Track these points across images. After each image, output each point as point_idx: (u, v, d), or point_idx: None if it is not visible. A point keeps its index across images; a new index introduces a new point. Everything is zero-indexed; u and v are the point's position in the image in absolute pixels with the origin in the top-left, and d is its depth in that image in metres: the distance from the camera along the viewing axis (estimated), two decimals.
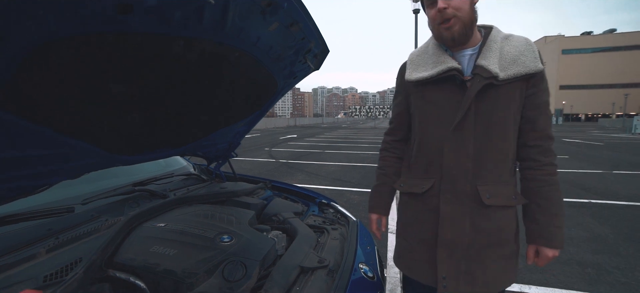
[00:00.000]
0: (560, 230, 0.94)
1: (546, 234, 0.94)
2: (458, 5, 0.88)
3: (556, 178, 0.95)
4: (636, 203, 4.26)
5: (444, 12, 0.88)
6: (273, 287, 0.92)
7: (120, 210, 1.27)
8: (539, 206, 0.94)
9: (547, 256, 0.95)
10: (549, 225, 0.93)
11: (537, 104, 0.93)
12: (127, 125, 1.02)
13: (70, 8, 0.52)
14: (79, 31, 0.58)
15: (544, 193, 0.94)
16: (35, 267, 0.85)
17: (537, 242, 0.96)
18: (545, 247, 0.94)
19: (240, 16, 0.87)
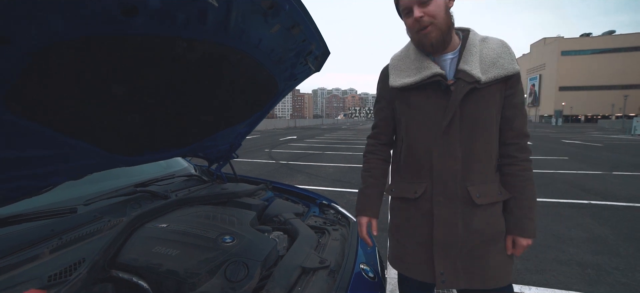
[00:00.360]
0: (532, 222, 0.98)
1: (520, 225, 0.98)
2: (433, 13, 0.89)
3: (530, 173, 1.00)
4: (636, 204, 4.27)
5: (420, 20, 0.89)
6: (275, 287, 0.93)
7: (122, 211, 1.28)
8: (515, 199, 0.99)
9: (521, 245, 0.99)
10: (523, 217, 0.98)
11: (514, 104, 0.97)
12: (128, 125, 1.03)
13: (75, 10, 0.53)
14: (83, 33, 0.59)
15: (520, 187, 0.98)
16: (39, 267, 0.86)
17: (513, 233, 0.99)
18: (520, 237, 0.98)
19: (243, 18, 0.88)
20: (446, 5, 0.91)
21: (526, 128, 1.00)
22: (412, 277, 1.06)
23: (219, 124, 1.50)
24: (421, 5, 0.89)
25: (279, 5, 0.91)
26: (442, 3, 0.90)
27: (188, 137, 1.42)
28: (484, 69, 0.92)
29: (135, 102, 0.94)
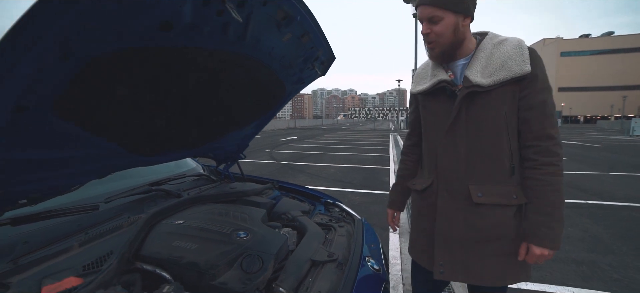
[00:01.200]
0: (553, 231, 0.92)
1: (535, 232, 0.94)
2: (439, 32, 0.96)
3: (555, 179, 0.93)
4: (632, 204, 4.35)
5: (426, 36, 0.98)
6: (287, 278, 1.00)
7: (139, 208, 1.35)
8: (532, 204, 0.96)
9: (534, 254, 0.95)
10: (539, 224, 0.94)
11: (530, 104, 0.95)
12: (151, 128, 1.10)
13: (124, 27, 0.61)
14: (125, 45, 0.67)
15: (538, 192, 0.94)
16: (72, 259, 0.93)
17: (526, 239, 0.96)
18: (533, 245, 0.94)
19: (259, 29, 0.96)
20: (455, 26, 0.95)
21: (550, 130, 0.94)
22: (419, 263, 1.15)
23: (229, 126, 1.58)
24: (430, 22, 0.97)
25: (292, 16, 0.99)
26: (450, 24, 0.95)
27: (201, 139, 1.49)
28: (489, 73, 0.95)
29: (158, 106, 1.01)
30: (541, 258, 0.95)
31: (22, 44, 0.51)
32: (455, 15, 0.95)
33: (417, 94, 1.13)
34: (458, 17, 0.95)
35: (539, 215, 0.94)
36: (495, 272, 1.01)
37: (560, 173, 0.95)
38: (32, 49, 0.52)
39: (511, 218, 0.99)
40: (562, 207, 0.95)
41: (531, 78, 0.94)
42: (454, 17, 0.95)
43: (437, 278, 1.07)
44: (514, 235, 1.00)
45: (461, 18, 0.96)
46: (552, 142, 0.94)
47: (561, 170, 0.95)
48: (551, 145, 0.94)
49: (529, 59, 0.93)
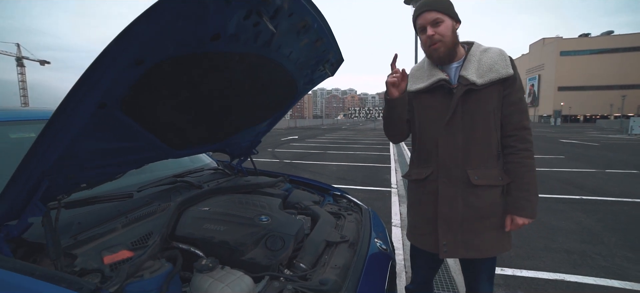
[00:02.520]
0: (530, 203, 1.13)
1: (517, 204, 1.14)
2: (442, 32, 1.13)
3: (530, 161, 1.15)
4: (624, 199, 4.50)
5: (432, 37, 1.14)
6: (306, 255, 1.14)
7: (167, 197, 1.49)
8: (514, 183, 1.16)
9: (517, 223, 1.15)
10: (521, 198, 1.14)
11: (511, 101, 1.15)
12: (184, 124, 1.24)
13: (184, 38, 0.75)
14: (183, 53, 0.81)
15: (518, 172, 1.15)
16: (120, 236, 1.07)
17: (510, 211, 1.16)
18: (516, 216, 1.15)
19: (282, 35, 1.09)
20: (453, 27, 1.15)
21: (526, 122, 1.16)
22: (421, 247, 1.29)
23: (246, 123, 1.71)
24: (434, 25, 1.13)
25: (310, 24, 1.13)
26: (450, 25, 1.14)
27: (221, 134, 1.63)
28: (481, 74, 1.13)
29: (192, 104, 1.15)
30: (522, 226, 1.16)
31: (110, 58, 0.65)
32: (451, 19, 1.14)
33: (414, 92, 1.27)
34: (453, 21, 1.15)
35: (520, 191, 1.15)
36: (490, 244, 1.18)
37: (532, 157, 1.16)
38: (117, 61, 0.66)
39: (499, 196, 1.18)
40: (536, 183, 1.16)
41: (512, 80, 1.14)
42: (451, 20, 1.14)
43: (441, 256, 1.21)
44: (501, 211, 1.18)
45: (455, 23, 1.15)
46: (527, 132, 1.16)
47: (533, 155, 1.17)
48: (526, 134, 1.16)
49: (510, 64, 1.13)
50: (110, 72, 0.67)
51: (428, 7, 1.14)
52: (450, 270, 2.39)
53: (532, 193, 1.14)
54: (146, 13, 0.62)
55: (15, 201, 0.82)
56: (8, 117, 1.44)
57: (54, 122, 0.70)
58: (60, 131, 0.73)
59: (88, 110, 0.73)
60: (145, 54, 0.70)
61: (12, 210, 0.84)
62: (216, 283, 0.89)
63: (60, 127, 0.72)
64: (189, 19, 0.70)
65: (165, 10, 0.64)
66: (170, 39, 0.72)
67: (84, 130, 0.77)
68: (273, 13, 0.88)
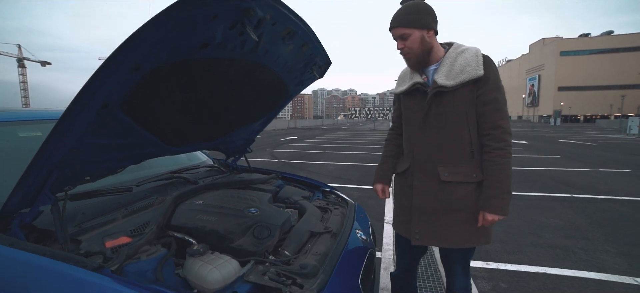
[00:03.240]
0: (502, 201, 1.15)
1: (488, 201, 1.17)
2: (410, 45, 1.22)
3: (503, 160, 1.16)
4: (612, 197, 4.60)
5: (402, 50, 1.24)
6: (290, 244, 1.24)
7: (164, 191, 1.59)
8: (486, 180, 1.19)
9: (486, 219, 1.18)
10: (491, 196, 1.16)
11: (485, 101, 1.17)
12: (181, 123, 1.35)
13: (176, 47, 0.86)
14: (174, 59, 0.92)
15: (491, 171, 1.18)
16: (120, 225, 1.18)
17: (481, 208, 1.20)
18: (486, 212, 1.18)
19: (268, 42, 1.20)
20: (422, 39, 1.21)
21: (500, 121, 1.16)
22: (399, 233, 1.40)
23: (240, 122, 1.82)
24: (402, 39, 1.23)
25: (294, 31, 1.23)
26: (417, 37, 1.21)
27: (216, 133, 1.74)
28: (453, 76, 1.19)
29: (188, 105, 1.26)
30: (493, 222, 1.19)
31: (112, 65, 0.75)
32: (420, 30, 1.20)
33: (399, 93, 1.38)
34: (422, 32, 1.20)
35: (491, 188, 1.18)
36: (460, 236, 1.25)
37: (507, 155, 1.17)
38: (117, 67, 0.77)
39: (472, 192, 1.22)
40: (509, 182, 1.17)
41: (484, 80, 1.17)
42: (419, 32, 1.20)
43: (414, 243, 1.32)
44: (474, 206, 1.23)
45: (425, 32, 1.21)
46: (501, 130, 1.17)
47: (509, 153, 1.18)
48: (500, 133, 1.17)
49: (482, 65, 1.17)
50: (111, 77, 0.78)
51: (395, 23, 1.23)
52: (436, 261, 2.49)
53: (504, 191, 1.16)
54: (143, 27, 0.72)
55: (28, 191, 0.93)
56: (17, 117, 1.55)
57: (63, 120, 0.81)
58: (68, 128, 0.83)
59: (93, 110, 0.83)
60: (142, 61, 0.81)
61: (25, 199, 0.95)
62: (205, 266, 0.99)
63: (69, 124, 0.82)
64: (180, 31, 0.81)
65: (159, 24, 0.74)
66: (164, 48, 0.83)
67: (89, 128, 0.88)
68: (256, 23, 0.99)
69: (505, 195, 1.16)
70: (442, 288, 2.13)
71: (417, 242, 1.30)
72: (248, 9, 0.88)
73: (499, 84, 1.20)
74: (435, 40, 1.26)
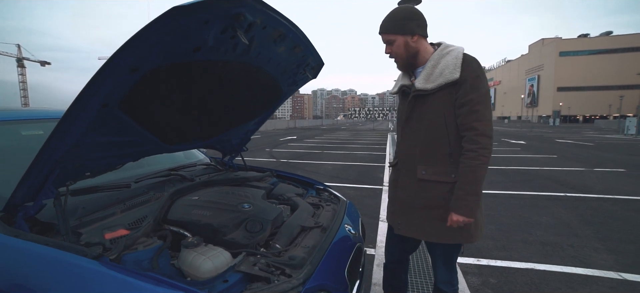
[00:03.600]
0: (466, 203, 1.17)
1: (454, 201, 1.21)
2: (395, 50, 1.29)
3: (473, 162, 1.17)
4: (604, 195, 4.67)
5: (389, 55, 1.31)
6: (281, 237, 1.30)
7: (162, 187, 1.65)
8: (458, 181, 1.21)
9: (452, 219, 1.20)
10: (458, 197, 1.19)
11: (461, 103, 1.19)
12: (177, 122, 1.41)
13: (171, 50, 0.92)
14: (170, 61, 0.97)
15: (461, 172, 1.20)
16: (119, 219, 1.24)
17: (450, 207, 1.22)
18: (453, 212, 1.20)
19: (260, 45, 1.26)
20: (406, 44, 1.26)
21: (475, 123, 1.17)
22: (389, 222, 1.47)
23: (235, 121, 1.88)
24: (388, 44, 1.30)
25: (285, 34, 1.29)
26: (402, 42, 1.26)
27: (212, 132, 1.80)
28: (432, 79, 1.22)
29: (184, 105, 1.32)
30: (459, 224, 1.21)
31: (111, 66, 0.81)
32: (404, 36, 1.25)
33: (393, 94, 1.46)
34: (406, 37, 1.26)
35: (459, 189, 1.20)
36: (436, 231, 1.30)
37: (480, 158, 1.17)
38: (116, 69, 0.83)
39: (449, 192, 1.25)
40: (477, 184, 1.18)
41: (461, 82, 1.19)
42: (402, 38, 1.26)
43: (396, 232, 1.39)
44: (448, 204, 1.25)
45: (409, 37, 1.26)
46: (475, 132, 1.18)
47: (482, 156, 1.17)
48: (473, 135, 1.18)
49: (460, 68, 1.19)
50: (111, 77, 0.84)
51: (381, 30, 1.30)
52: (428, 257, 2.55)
53: (469, 194, 1.17)
54: (139, 31, 0.78)
55: (33, 185, 0.99)
56: (20, 116, 1.60)
57: (66, 118, 0.86)
58: (70, 126, 0.89)
59: (93, 109, 0.89)
60: (139, 63, 0.87)
61: (30, 192, 1.00)
62: (199, 256, 1.05)
63: (71, 122, 0.88)
64: (174, 36, 0.87)
65: (155, 29, 0.80)
66: (160, 51, 0.89)
67: (90, 126, 0.94)
68: (247, 27, 1.05)
69: (469, 197, 1.18)
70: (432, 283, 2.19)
71: (399, 231, 1.37)
72: (238, 14, 0.94)
73: (476, 85, 1.18)
74: (422, 44, 1.28)
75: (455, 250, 1.38)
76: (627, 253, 2.70)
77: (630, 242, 2.94)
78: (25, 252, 0.91)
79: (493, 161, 8.37)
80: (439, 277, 1.41)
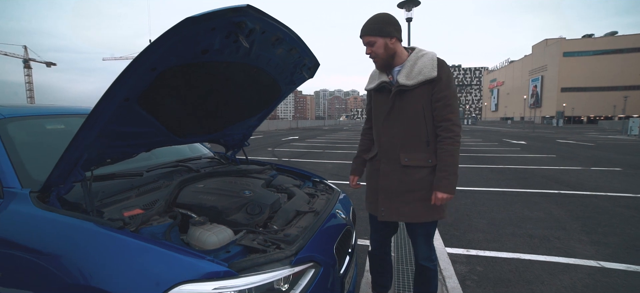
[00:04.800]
0: (449, 181, 1.37)
1: (437, 182, 1.40)
2: (376, 51, 1.44)
3: (451, 147, 1.39)
4: (597, 193, 4.77)
5: (369, 54, 1.46)
6: (278, 220, 1.46)
7: (170, 177, 1.81)
8: (438, 164, 1.42)
9: (437, 197, 1.39)
10: (441, 177, 1.39)
11: (437, 98, 1.39)
12: (186, 116, 1.57)
13: (183, 53, 1.08)
14: (180, 63, 1.14)
15: (441, 156, 1.41)
16: (134, 202, 1.40)
17: (433, 188, 1.42)
18: (437, 191, 1.40)
19: (259, 48, 1.42)
20: (385, 46, 1.43)
21: (450, 115, 1.39)
22: (369, 211, 1.63)
23: (237, 117, 2.04)
24: (369, 45, 1.45)
25: (282, 38, 1.45)
26: (382, 44, 1.42)
27: (217, 126, 1.96)
28: (412, 76, 1.41)
29: (192, 101, 1.48)
30: (443, 201, 1.40)
31: (135, 65, 0.98)
32: (383, 38, 1.42)
33: (369, 91, 1.59)
34: (386, 39, 1.42)
35: (441, 171, 1.40)
36: (418, 212, 1.47)
37: (455, 143, 1.39)
38: (139, 68, 0.99)
39: (427, 175, 1.45)
40: (456, 165, 1.39)
41: (437, 80, 1.39)
42: (382, 40, 1.42)
43: (380, 219, 1.54)
44: (428, 187, 1.45)
45: (388, 40, 1.43)
46: (450, 123, 1.40)
47: (456, 142, 1.40)
48: (449, 125, 1.40)
49: (436, 68, 1.39)
50: (134, 75, 1.00)
51: (363, 32, 1.46)
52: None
53: (451, 174, 1.38)
54: (159, 37, 0.94)
55: (64, 169, 1.15)
56: (44, 112, 1.78)
57: (95, 110, 1.03)
58: (98, 117, 1.05)
59: (117, 102, 1.06)
60: (157, 64, 1.03)
61: (62, 175, 1.17)
62: (205, 232, 1.21)
63: (99, 113, 1.04)
64: (186, 42, 1.03)
65: (171, 36, 0.96)
66: (173, 54, 1.05)
67: (112, 117, 1.10)
68: (248, 33, 1.20)
69: (451, 177, 1.38)
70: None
71: (382, 218, 1.52)
72: (240, 22, 1.10)
73: (449, 83, 1.41)
74: (398, 46, 1.47)
75: (433, 228, 1.56)
76: (609, 244, 2.83)
77: (614, 234, 3.06)
78: (59, 223, 1.07)
79: (490, 160, 8.48)
80: (421, 255, 1.56)
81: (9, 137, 1.42)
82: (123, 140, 1.32)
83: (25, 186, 1.25)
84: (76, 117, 1.96)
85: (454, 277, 2.25)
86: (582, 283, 2.17)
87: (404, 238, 2.75)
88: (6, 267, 1.10)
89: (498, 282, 2.20)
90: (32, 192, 1.21)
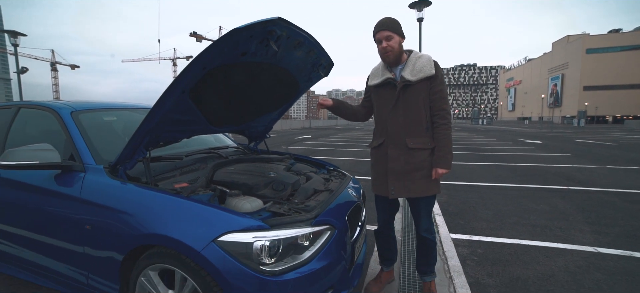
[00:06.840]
0: (446, 159, 1.70)
1: (438, 160, 1.71)
2: (392, 45, 1.70)
3: (446, 132, 1.71)
4: (607, 189, 4.80)
5: (385, 48, 1.71)
6: (299, 195, 1.73)
7: (205, 161, 2.12)
8: (437, 146, 1.73)
9: (438, 172, 1.71)
10: (440, 156, 1.71)
11: (435, 92, 1.71)
12: (220, 108, 1.87)
13: (227, 55, 1.37)
14: (223, 63, 1.42)
15: (439, 138, 1.72)
16: (180, 179, 1.70)
17: (434, 165, 1.73)
18: (437, 167, 1.71)
19: (284, 50, 1.69)
20: (399, 42, 1.71)
21: (444, 105, 1.72)
22: (378, 193, 1.87)
23: (261, 111, 2.33)
24: (387, 40, 1.70)
25: (302, 42, 1.72)
26: (397, 40, 1.70)
27: (244, 118, 2.26)
28: (414, 74, 1.70)
29: (229, 95, 1.77)
30: (441, 175, 1.71)
31: (192, 65, 1.26)
32: (399, 36, 1.71)
33: (373, 86, 1.86)
34: (400, 38, 1.71)
35: (440, 151, 1.72)
36: (422, 187, 1.75)
37: (449, 128, 1.72)
38: (194, 68, 1.28)
39: (428, 156, 1.74)
40: (450, 146, 1.72)
41: (435, 77, 1.70)
42: (398, 37, 1.70)
43: (390, 197, 1.79)
44: (429, 166, 1.74)
45: (401, 39, 1.72)
46: (444, 111, 1.73)
47: (449, 127, 1.72)
48: (444, 113, 1.73)
49: (434, 67, 1.68)
50: (191, 72, 1.29)
51: (383, 27, 1.71)
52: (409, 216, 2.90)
53: (447, 152, 1.71)
54: (209, 46, 1.23)
55: (132, 148, 1.46)
56: (103, 106, 2.13)
57: (159, 100, 1.32)
58: (161, 105, 1.35)
59: (176, 94, 1.35)
60: (207, 64, 1.32)
61: (129, 153, 1.48)
62: (240, 200, 1.49)
63: (162, 102, 1.34)
64: (230, 47, 1.31)
65: (219, 43, 1.25)
66: (220, 56, 1.33)
67: (171, 106, 1.40)
68: (276, 38, 1.48)
69: (448, 155, 1.72)
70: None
71: (393, 196, 1.77)
72: (271, 30, 1.37)
73: (443, 80, 1.75)
74: (402, 47, 1.76)
75: (432, 201, 1.84)
76: (610, 234, 2.95)
77: (617, 225, 3.17)
78: (130, 190, 1.38)
79: (502, 158, 8.48)
80: (423, 227, 1.81)
81: (82, 125, 1.76)
82: (175, 126, 1.63)
83: (98, 163, 1.58)
84: (124, 110, 2.31)
85: (456, 257, 2.45)
86: (575, 264, 2.33)
87: (408, 216, 2.96)
88: (92, 220, 1.43)
89: (496, 262, 2.39)
90: (105, 167, 1.54)
